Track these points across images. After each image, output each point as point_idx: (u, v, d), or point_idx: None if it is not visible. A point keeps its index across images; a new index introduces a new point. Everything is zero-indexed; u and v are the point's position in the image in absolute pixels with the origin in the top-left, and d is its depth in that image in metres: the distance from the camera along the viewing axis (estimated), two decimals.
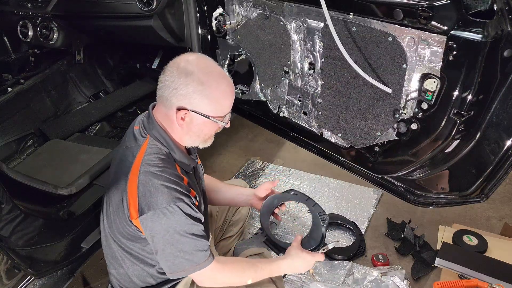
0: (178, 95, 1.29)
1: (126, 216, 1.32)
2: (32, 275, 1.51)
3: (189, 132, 1.36)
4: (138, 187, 1.29)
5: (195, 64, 1.30)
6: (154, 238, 1.30)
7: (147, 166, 1.30)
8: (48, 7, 2.52)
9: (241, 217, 2.00)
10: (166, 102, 1.32)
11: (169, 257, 1.30)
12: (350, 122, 1.74)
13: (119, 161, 1.40)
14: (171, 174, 1.32)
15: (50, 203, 1.84)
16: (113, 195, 1.37)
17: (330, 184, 2.68)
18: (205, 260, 1.31)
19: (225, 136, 3.28)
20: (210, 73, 1.31)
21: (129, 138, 1.42)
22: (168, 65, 1.33)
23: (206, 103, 1.31)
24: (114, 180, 1.38)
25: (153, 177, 1.28)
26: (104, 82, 3.18)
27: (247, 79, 2.22)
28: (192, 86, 1.28)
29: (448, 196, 1.57)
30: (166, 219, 1.27)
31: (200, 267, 1.31)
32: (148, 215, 1.27)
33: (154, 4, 2.13)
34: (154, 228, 1.28)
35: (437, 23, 1.30)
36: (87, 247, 1.76)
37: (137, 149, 1.35)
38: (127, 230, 1.35)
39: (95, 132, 2.73)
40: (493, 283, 1.78)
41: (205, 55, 1.39)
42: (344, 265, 2.06)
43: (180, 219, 1.28)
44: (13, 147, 2.44)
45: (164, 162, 1.33)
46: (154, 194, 1.27)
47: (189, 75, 1.28)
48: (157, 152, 1.34)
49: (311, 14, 1.72)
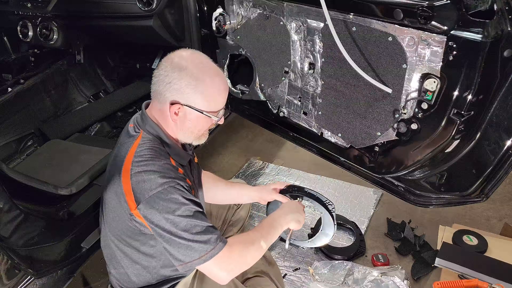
0: (172, 90, 1.29)
1: (125, 210, 1.30)
2: (32, 275, 1.51)
3: (182, 127, 1.36)
4: (131, 178, 1.27)
5: (189, 60, 1.31)
6: (157, 227, 1.25)
7: (139, 157, 1.30)
8: (48, 7, 2.52)
9: (241, 217, 2.00)
10: (160, 96, 1.33)
11: (180, 246, 1.23)
12: (350, 122, 1.74)
13: (113, 158, 1.41)
14: (165, 163, 1.30)
15: (50, 203, 1.84)
16: (109, 192, 1.37)
17: (330, 184, 2.68)
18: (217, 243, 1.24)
19: (225, 136, 3.28)
20: (204, 68, 1.32)
21: (123, 135, 1.43)
22: (162, 60, 1.34)
23: (200, 98, 1.31)
24: (109, 177, 1.38)
25: (146, 166, 1.28)
26: (104, 82, 3.18)
27: (247, 79, 2.22)
28: (185, 80, 1.28)
29: (448, 196, 1.57)
30: (162, 202, 1.23)
31: (214, 252, 1.24)
32: (144, 203, 1.25)
33: (154, 4, 2.13)
34: (154, 216, 1.24)
35: (437, 23, 1.30)
36: (87, 247, 1.76)
37: (130, 144, 1.35)
38: (127, 226, 1.34)
39: (95, 132, 2.73)
40: (493, 283, 1.78)
41: (199, 51, 1.40)
42: (344, 265, 2.06)
43: (177, 200, 1.24)
44: (13, 147, 2.44)
45: (157, 153, 1.32)
46: (147, 181, 1.25)
47: (183, 69, 1.28)
48: (149, 146, 1.33)
49: (311, 14, 1.72)
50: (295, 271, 2.09)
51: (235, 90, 2.29)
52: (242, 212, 1.99)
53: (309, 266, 2.10)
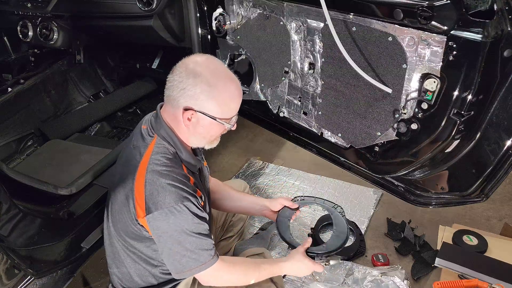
0: (186, 96, 1.30)
1: (132, 215, 1.32)
2: (32, 275, 1.51)
3: (195, 132, 1.37)
4: (145, 186, 1.29)
5: (204, 66, 1.31)
6: (161, 237, 1.30)
7: (154, 165, 1.31)
8: (48, 7, 2.52)
9: (241, 218, 2.00)
10: (174, 102, 1.33)
11: (176, 257, 1.31)
12: (350, 122, 1.74)
13: (126, 159, 1.41)
14: (178, 173, 1.32)
15: (50, 203, 1.84)
16: (119, 194, 1.37)
17: (330, 184, 2.68)
18: (210, 259, 1.32)
19: (225, 136, 3.26)
20: (219, 75, 1.32)
21: (136, 137, 1.43)
22: (177, 65, 1.34)
23: (213, 105, 1.31)
24: (121, 179, 1.38)
25: (160, 176, 1.29)
26: (104, 82, 3.18)
27: (247, 79, 2.22)
28: (200, 87, 1.28)
29: (448, 196, 1.57)
30: (174, 218, 1.27)
31: (206, 266, 1.32)
32: (155, 214, 1.27)
33: (154, 4, 2.13)
34: (161, 227, 1.29)
35: (437, 23, 1.30)
36: (87, 247, 1.76)
37: (144, 148, 1.36)
38: (132, 229, 1.36)
39: (95, 132, 2.73)
40: (493, 283, 1.78)
41: (213, 57, 1.40)
42: (344, 265, 2.06)
43: (187, 218, 1.28)
44: (13, 147, 2.44)
45: (171, 161, 1.34)
46: (162, 193, 1.27)
47: (198, 76, 1.28)
48: (164, 152, 1.34)
49: (311, 14, 1.72)
50: None
51: None
52: None
53: None
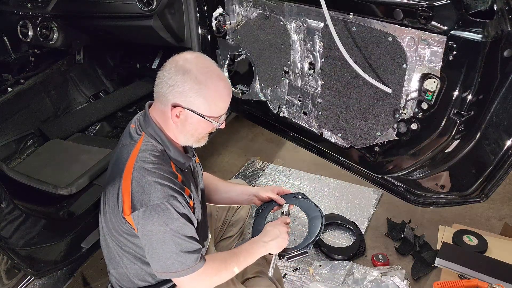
0: (175, 92, 1.29)
1: (120, 213, 1.32)
2: (32, 275, 1.51)
3: (183, 130, 1.36)
4: (131, 183, 1.28)
5: (193, 63, 1.31)
6: (146, 236, 1.29)
7: (141, 163, 1.30)
8: (48, 7, 2.52)
9: (241, 217, 1.99)
10: (163, 98, 1.32)
11: (161, 257, 1.29)
12: (350, 122, 1.74)
13: (116, 159, 1.41)
14: (165, 171, 1.31)
15: (50, 203, 1.85)
16: (109, 193, 1.37)
17: (330, 184, 2.68)
18: (196, 263, 1.30)
19: (225, 136, 3.28)
20: (208, 73, 1.31)
21: (125, 136, 1.43)
22: (167, 62, 1.33)
23: (202, 102, 1.31)
24: (110, 178, 1.38)
25: (147, 174, 1.28)
26: (104, 82, 3.18)
27: (247, 79, 2.22)
28: (188, 84, 1.28)
29: (448, 196, 1.57)
30: (158, 217, 1.26)
31: (193, 269, 1.30)
32: (140, 212, 1.26)
33: (154, 4, 2.13)
34: (145, 226, 1.27)
35: (437, 23, 1.30)
36: (87, 247, 1.76)
37: (132, 146, 1.35)
38: (122, 228, 1.35)
39: (95, 132, 2.73)
40: (493, 283, 1.78)
41: (204, 55, 1.39)
42: (344, 265, 2.06)
43: (172, 218, 1.27)
44: (13, 147, 2.44)
45: (159, 159, 1.33)
46: (147, 191, 1.27)
47: (187, 73, 1.28)
48: (151, 149, 1.34)
49: (311, 14, 1.71)
50: (295, 271, 2.09)
51: (235, 90, 2.28)
52: (242, 212, 1.98)
53: (309, 266, 2.10)
